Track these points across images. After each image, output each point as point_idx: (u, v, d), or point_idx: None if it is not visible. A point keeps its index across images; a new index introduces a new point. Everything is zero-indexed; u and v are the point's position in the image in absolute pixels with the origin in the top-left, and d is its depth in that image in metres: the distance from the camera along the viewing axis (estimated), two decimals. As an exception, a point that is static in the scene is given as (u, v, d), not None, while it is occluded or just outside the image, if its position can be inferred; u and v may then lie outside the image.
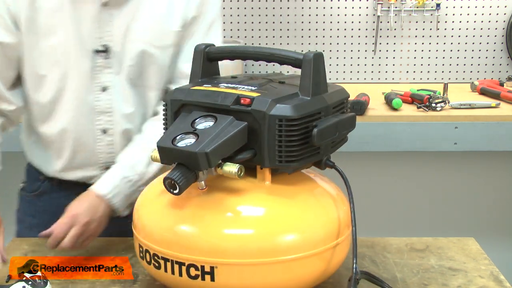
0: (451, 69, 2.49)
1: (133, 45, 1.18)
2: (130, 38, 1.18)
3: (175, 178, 0.83)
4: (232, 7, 2.44)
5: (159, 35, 1.20)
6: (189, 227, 0.88)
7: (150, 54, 1.19)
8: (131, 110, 1.22)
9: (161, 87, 1.24)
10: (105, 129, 1.22)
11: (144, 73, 1.21)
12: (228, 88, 0.92)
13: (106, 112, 1.21)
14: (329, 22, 2.46)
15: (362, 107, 1.88)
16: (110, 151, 1.23)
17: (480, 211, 2.46)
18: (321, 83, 0.91)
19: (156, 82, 1.23)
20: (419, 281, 1.04)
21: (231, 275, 0.86)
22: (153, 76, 1.22)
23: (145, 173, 1.18)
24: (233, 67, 2.10)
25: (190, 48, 1.09)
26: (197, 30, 1.22)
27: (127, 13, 1.17)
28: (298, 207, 0.90)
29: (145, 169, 1.17)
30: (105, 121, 1.21)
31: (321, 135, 0.87)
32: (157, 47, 1.20)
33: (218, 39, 1.25)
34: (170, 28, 1.20)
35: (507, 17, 2.42)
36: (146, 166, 1.17)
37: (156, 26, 1.19)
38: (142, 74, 1.21)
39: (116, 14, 1.17)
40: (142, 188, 1.16)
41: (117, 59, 1.19)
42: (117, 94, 1.20)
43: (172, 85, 1.23)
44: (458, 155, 2.21)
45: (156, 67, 1.21)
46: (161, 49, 1.20)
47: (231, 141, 0.85)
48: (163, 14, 1.19)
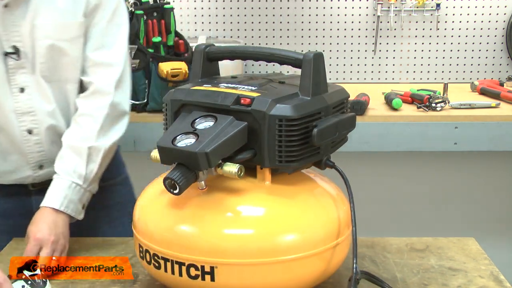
0: (451, 69, 2.49)
1: (41, 42, 1.17)
2: (37, 35, 1.17)
3: (175, 178, 0.83)
4: (232, 7, 2.44)
5: (64, 28, 1.19)
6: (189, 227, 0.88)
7: (60, 48, 1.19)
8: (53, 107, 1.21)
9: (78, 80, 1.23)
10: (30, 129, 1.21)
11: (58, 68, 1.20)
12: (228, 88, 0.92)
13: (28, 113, 1.20)
14: (329, 22, 2.46)
15: (362, 107, 1.88)
16: (40, 150, 1.23)
17: (480, 211, 2.46)
18: (321, 83, 0.91)
19: (71, 75, 1.22)
20: (419, 281, 1.04)
21: (231, 275, 0.86)
22: (67, 70, 1.21)
23: (87, 173, 1.18)
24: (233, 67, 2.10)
25: (96, 36, 1.11)
26: (101, 17, 1.22)
27: (30, 12, 1.16)
28: (298, 207, 0.90)
29: (85, 171, 1.18)
30: (29, 121, 1.20)
31: (321, 135, 0.87)
32: (65, 40, 1.19)
33: (124, 26, 1.25)
34: (74, 19, 1.19)
35: (507, 17, 2.42)
36: (86, 167, 1.18)
37: (60, 20, 1.18)
38: (56, 69, 1.20)
39: (19, 14, 1.16)
40: (90, 187, 1.19)
41: (28, 59, 1.18)
42: (35, 93, 1.20)
43: (85, 76, 1.23)
44: (458, 155, 2.21)
45: (68, 60, 1.20)
46: (69, 41, 1.20)
47: (231, 141, 0.85)
48: (65, 6, 1.18)
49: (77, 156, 1.18)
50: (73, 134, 1.21)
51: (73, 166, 1.18)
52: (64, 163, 1.19)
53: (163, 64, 1.85)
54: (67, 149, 1.20)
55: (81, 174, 1.17)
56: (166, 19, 1.96)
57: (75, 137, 1.20)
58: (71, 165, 1.18)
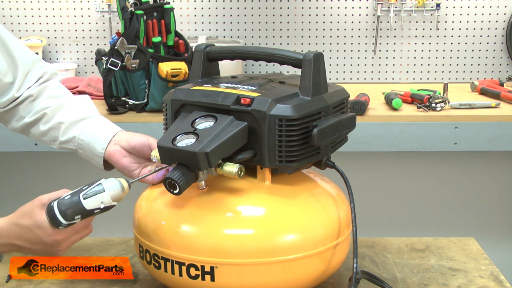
0: (451, 69, 2.49)
1: None
2: None
3: (175, 178, 0.83)
4: (232, 7, 2.44)
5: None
6: (189, 227, 0.88)
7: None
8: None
9: None
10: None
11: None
12: (228, 88, 0.92)
13: None
14: (329, 22, 2.46)
15: (362, 107, 1.88)
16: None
17: (480, 211, 2.46)
18: (321, 83, 0.91)
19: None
20: (419, 281, 1.04)
21: (231, 275, 0.86)
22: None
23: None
24: (233, 67, 2.10)
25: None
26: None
27: None
28: (298, 207, 0.90)
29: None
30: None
31: (321, 135, 0.87)
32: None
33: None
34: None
35: (507, 17, 2.42)
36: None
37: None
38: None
39: None
40: None
41: None
42: None
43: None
44: (458, 155, 2.21)
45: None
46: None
47: (231, 141, 0.85)
48: None
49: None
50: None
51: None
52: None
53: (163, 64, 1.85)
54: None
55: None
56: (166, 19, 1.96)
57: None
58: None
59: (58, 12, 2.45)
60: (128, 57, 1.85)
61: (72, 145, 1.09)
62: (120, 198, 0.88)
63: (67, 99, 1.13)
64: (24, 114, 1.12)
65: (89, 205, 0.85)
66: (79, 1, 2.43)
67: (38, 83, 1.13)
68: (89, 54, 2.47)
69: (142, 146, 1.02)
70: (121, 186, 0.87)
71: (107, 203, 0.86)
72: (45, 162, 2.36)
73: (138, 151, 1.03)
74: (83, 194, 0.85)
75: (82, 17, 2.45)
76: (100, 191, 0.85)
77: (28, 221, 0.87)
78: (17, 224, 0.89)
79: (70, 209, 0.85)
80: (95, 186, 0.86)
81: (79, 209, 0.85)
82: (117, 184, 0.87)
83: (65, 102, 1.12)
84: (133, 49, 1.85)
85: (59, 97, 1.13)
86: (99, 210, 0.86)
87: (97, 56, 1.92)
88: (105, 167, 1.07)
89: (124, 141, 1.04)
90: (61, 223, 0.85)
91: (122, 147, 1.04)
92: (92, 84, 2.15)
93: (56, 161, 2.32)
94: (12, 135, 1.87)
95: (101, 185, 0.86)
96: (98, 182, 0.87)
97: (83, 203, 0.84)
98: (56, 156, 2.14)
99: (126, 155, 1.03)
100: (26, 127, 1.13)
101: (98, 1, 2.40)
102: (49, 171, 2.35)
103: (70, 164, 2.16)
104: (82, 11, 2.44)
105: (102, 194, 0.85)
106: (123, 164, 1.03)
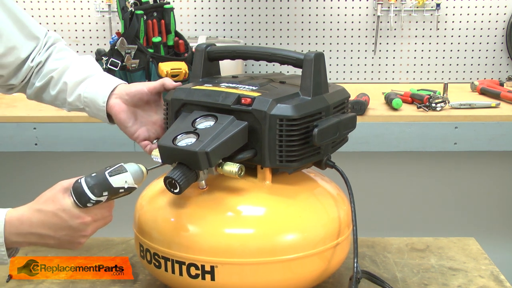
0: (451, 69, 2.49)
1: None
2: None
3: (175, 177, 0.83)
4: (232, 7, 2.44)
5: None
6: (190, 226, 0.88)
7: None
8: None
9: None
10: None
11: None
12: (229, 87, 0.92)
13: None
14: (329, 22, 2.45)
15: (362, 107, 1.88)
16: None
17: (480, 211, 2.46)
18: (322, 83, 0.91)
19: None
20: (419, 281, 1.04)
21: (231, 275, 0.86)
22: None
23: None
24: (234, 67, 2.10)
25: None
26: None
27: None
28: (299, 207, 0.90)
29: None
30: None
31: (321, 135, 0.87)
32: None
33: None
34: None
35: (507, 17, 2.42)
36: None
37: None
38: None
39: None
40: None
41: None
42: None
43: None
44: (458, 155, 2.21)
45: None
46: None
47: (231, 140, 0.85)
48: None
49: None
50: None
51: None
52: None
53: (163, 64, 1.85)
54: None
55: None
56: (166, 19, 1.96)
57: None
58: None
59: (58, 12, 2.44)
60: (128, 57, 1.85)
61: (79, 104, 1.10)
62: (140, 181, 0.88)
63: (71, 60, 1.14)
64: (34, 80, 1.13)
65: (115, 183, 0.85)
66: (79, 1, 2.43)
67: (44, 48, 1.14)
68: (89, 54, 2.47)
69: (138, 93, 1.04)
70: (140, 170, 0.88)
71: (130, 184, 0.86)
72: (45, 162, 2.36)
73: (136, 98, 1.04)
74: (108, 172, 0.85)
75: (82, 17, 2.45)
76: (123, 171, 0.86)
77: (52, 206, 0.85)
78: (40, 210, 0.85)
79: (97, 184, 0.84)
80: (117, 166, 0.87)
81: (106, 185, 0.84)
82: (137, 167, 0.88)
83: (69, 63, 1.13)
84: (133, 49, 1.85)
85: (64, 58, 1.14)
86: (123, 190, 0.86)
87: (97, 56, 1.92)
88: (110, 121, 1.09)
89: (123, 92, 1.05)
90: (90, 199, 0.84)
91: (122, 99, 1.05)
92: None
93: (56, 161, 2.32)
94: (12, 135, 1.87)
95: (123, 166, 0.87)
96: (120, 164, 0.88)
97: (109, 179, 0.84)
98: (56, 156, 2.14)
99: (125, 109, 1.05)
100: (38, 92, 1.14)
101: (98, 1, 2.40)
102: (49, 171, 2.35)
103: (70, 164, 2.16)
104: (82, 11, 2.44)
105: (125, 174, 0.86)
106: (120, 118, 1.04)
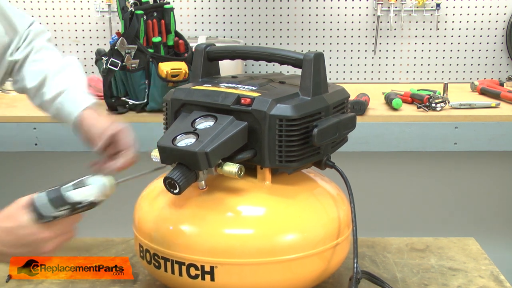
0: (451, 69, 2.49)
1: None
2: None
3: (175, 178, 0.83)
4: (232, 7, 2.44)
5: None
6: (189, 227, 0.88)
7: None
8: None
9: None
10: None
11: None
12: (228, 88, 0.92)
13: None
14: (329, 22, 2.46)
15: (362, 107, 1.88)
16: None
17: (480, 211, 2.46)
18: (322, 83, 0.91)
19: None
20: (419, 281, 1.04)
21: (231, 275, 0.86)
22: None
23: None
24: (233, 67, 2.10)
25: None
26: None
27: None
28: (298, 207, 0.90)
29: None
30: None
31: (321, 135, 0.87)
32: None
33: None
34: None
35: (507, 17, 2.42)
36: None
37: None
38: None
39: None
40: None
41: None
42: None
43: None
44: (458, 155, 2.20)
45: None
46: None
47: (231, 141, 0.85)
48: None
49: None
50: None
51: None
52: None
53: (163, 64, 1.85)
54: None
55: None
56: (166, 19, 1.96)
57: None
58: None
59: (58, 12, 2.44)
60: (128, 57, 1.85)
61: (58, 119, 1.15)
62: (106, 194, 0.85)
63: (47, 68, 1.14)
64: (17, 77, 1.15)
65: (73, 197, 0.82)
66: (79, 1, 2.43)
67: (24, 44, 1.15)
68: (89, 54, 2.47)
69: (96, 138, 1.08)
70: (105, 183, 0.85)
71: (93, 197, 0.83)
72: (45, 162, 2.36)
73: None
74: (68, 187, 0.83)
75: (82, 17, 2.45)
76: (85, 184, 0.83)
77: (9, 223, 0.82)
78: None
79: (55, 199, 0.82)
80: (78, 180, 0.84)
81: (63, 200, 0.82)
82: (101, 180, 0.85)
83: (44, 76, 1.14)
84: (133, 49, 1.85)
85: (41, 61, 1.15)
86: (84, 204, 0.83)
87: (97, 56, 1.92)
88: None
89: (85, 126, 1.10)
90: (47, 214, 0.82)
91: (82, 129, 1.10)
92: (92, 84, 2.15)
93: (56, 161, 2.32)
94: (12, 135, 1.87)
95: (85, 180, 0.84)
96: (85, 177, 0.85)
97: (67, 194, 0.82)
98: (56, 156, 2.14)
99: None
100: (23, 91, 1.17)
101: (98, 1, 2.40)
102: (49, 171, 2.34)
103: (70, 164, 2.15)
104: (82, 11, 2.44)
105: (87, 188, 0.83)
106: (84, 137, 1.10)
